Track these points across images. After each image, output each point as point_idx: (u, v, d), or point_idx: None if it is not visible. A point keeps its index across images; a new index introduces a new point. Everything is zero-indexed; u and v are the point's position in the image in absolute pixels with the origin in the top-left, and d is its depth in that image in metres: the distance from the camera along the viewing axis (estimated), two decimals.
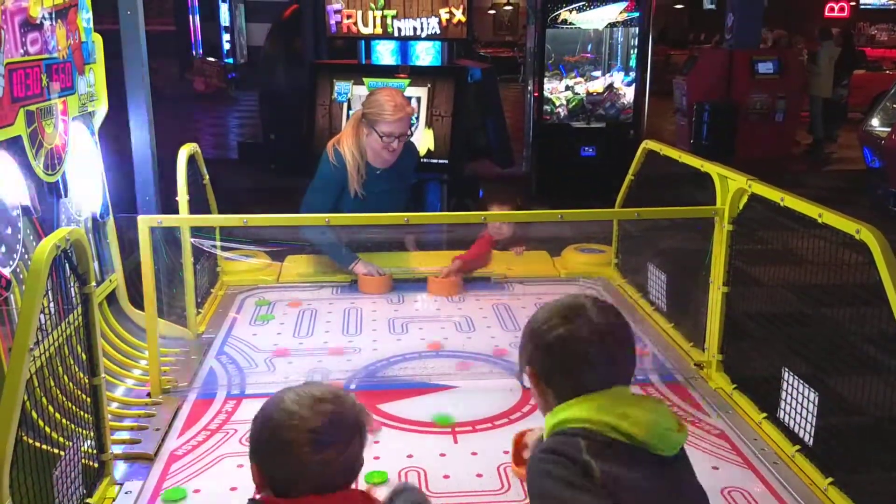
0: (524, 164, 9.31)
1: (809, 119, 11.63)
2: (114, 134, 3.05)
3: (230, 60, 18.54)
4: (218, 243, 2.97)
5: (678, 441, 1.39)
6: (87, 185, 2.58)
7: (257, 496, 1.38)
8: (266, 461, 1.35)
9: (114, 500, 1.89)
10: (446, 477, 2.01)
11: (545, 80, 8.35)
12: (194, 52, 18.22)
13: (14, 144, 2.06)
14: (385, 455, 2.10)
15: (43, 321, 1.70)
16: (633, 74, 8.38)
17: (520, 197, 3.89)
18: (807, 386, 2.04)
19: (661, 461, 1.37)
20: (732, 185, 2.40)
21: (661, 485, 1.36)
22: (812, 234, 2.01)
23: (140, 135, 3.21)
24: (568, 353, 1.43)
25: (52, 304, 1.85)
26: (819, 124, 11.47)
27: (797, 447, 2.05)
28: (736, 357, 2.48)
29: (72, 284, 1.86)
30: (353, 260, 3.36)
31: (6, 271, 1.98)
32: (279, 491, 1.34)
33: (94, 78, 2.63)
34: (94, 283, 1.82)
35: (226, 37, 18.68)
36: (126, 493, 1.93)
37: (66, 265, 1.76)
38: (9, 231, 2.02)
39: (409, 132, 3.33)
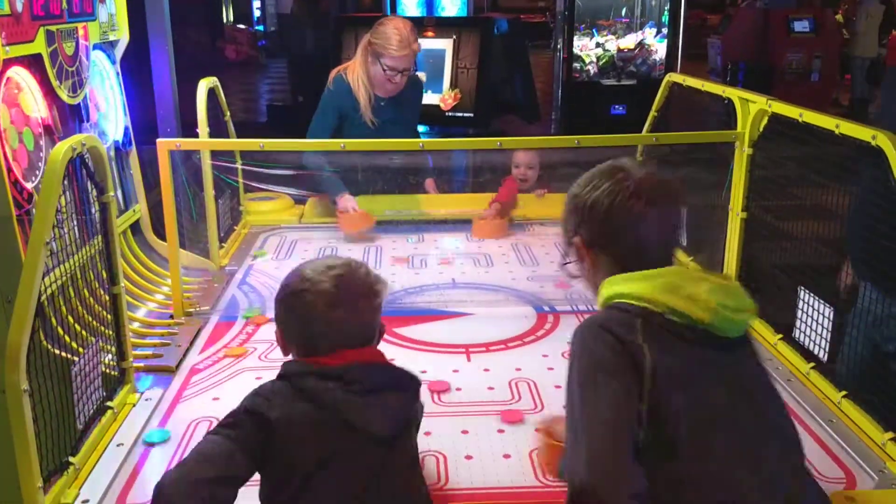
0: (553, 125, 9.23)
1: (850, 80, 11.34)
2: (136, 70, 3.10)
3: (260, 28, 18.57)
4: (239, 166, 2.99)
5: (745, 323, 1.30)
6: (108, 113, 2.62)
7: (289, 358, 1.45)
8: (285, 323, 1.44)
9: (134, 405, 1.95)
10: (458, 390, 2.03)
11: (575, 37, 8.23)
12: (225, 20, 18.27)
13: (35, 62, 2.10)
14: None
15: (64, 231, 1.75)
16: (665, 31, 8.23)
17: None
18: (822, 302, 2.02)
19: (723, 345, 1.28)
20: (753, 108, 2.37)
21: (717, 372, 1.27)
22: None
23: (161, 67, 3.24)
24: (620, 208, 1.33)
25: (73, 218, 1.90)
26: (858, 85, 11.17)
27: (812, 364, 2.03)
28: (754, 285, 2.45)
29: (93, 202, 1.91)
30: (340, 191, 3.24)
31: (29, 186, 2.03)
32: (300, 353, 1.43)
33: (115, 7, 2.67)
34: (112, 193, 1.86)
35: (256, 3, 18.70)
36: (146, 399, 1.98)
37: (84, 175, 1.80)
38: (31, 147, 2.07)
39: (413, 68, 3.26)
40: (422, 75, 4.40)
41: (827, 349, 2.00)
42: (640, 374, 1.20)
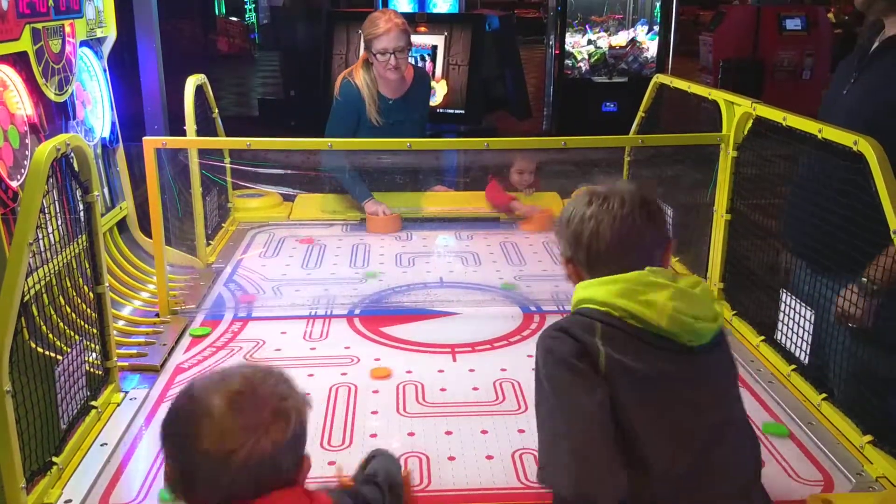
0: (544, 122, 9.23)
1: None
2: (124, 66, 3.08)
3: (252, 19, 18.50)
4: (227, 165, 2.98)
5: (705, 331, 1.30)
6: (95, 111, 2.61)
7: None
8: (168, 456, 1.10)
9: (118, 405, 1.95)
10: (443, 390, 2.04)
11: (567, 33, 8.23)
12: (217, 12, 18.19)
13: (21, 60, 2.10)
14: None
15: (49, 230, 1.74)
16: (656, 28, 8.24)
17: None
18: (804, 305, 2.03)
19: (687, 350, 1.30)
20: (738, 111, 2.38)
21: (678, 377, 1.29)
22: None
23: (148, 62, 3.23)
24: (575, 216, 1.37)
25: (58, 217, 1.89)
26: None
27: (793, 366, 2.05)
28: (738, 287, 2.47)
29: (79, 201, 1.90)
30: (366, 197, 3.38)
31: (14, 184, 2.03)
32: (185, 492, 1.09)
33: (103, 4, 2.66)
34: (96, 192, 1.86)
35: None
36: (131, 399, 1.98)
37: (69, 175, 1.79)
38: (17, 146, 2.07)
39: (408, 46, 3.20)
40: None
41: (808, 352, 2.01)
42: (598, 370, 1.26)
